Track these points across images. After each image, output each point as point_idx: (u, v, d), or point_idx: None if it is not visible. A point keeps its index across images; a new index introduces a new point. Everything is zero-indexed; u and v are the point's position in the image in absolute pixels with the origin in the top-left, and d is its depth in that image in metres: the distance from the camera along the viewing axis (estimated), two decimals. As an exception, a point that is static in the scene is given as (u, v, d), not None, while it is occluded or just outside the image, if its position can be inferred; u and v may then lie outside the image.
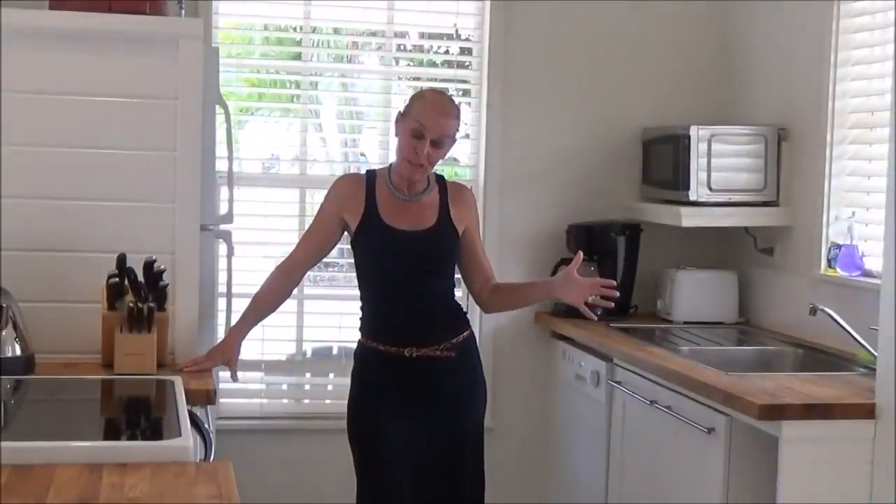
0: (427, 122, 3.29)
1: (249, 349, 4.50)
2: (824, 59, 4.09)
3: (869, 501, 3.10)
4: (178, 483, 2.13)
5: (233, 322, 3.72)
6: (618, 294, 3.33)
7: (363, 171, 3.55)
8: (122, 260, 3.18)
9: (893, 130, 3.12)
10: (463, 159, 4.73)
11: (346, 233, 3.47)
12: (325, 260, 4.14)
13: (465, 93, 4.70)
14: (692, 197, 4.31)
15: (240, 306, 3.54)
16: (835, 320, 3.71)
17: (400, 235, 3.37)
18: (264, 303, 3.48)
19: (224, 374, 4.04)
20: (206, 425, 3.01)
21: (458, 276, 3.56)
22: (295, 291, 4.47)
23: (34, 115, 3.32)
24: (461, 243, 3.45)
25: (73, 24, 3.32)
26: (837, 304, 3.81)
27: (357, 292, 3.48)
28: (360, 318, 3.47)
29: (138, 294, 3.17)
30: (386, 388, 3.39)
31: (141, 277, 3.20)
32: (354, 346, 3.51)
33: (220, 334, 3.91)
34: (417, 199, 3.42)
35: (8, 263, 3.26)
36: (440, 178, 3.49)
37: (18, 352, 3.09)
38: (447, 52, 4.79)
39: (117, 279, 3.19)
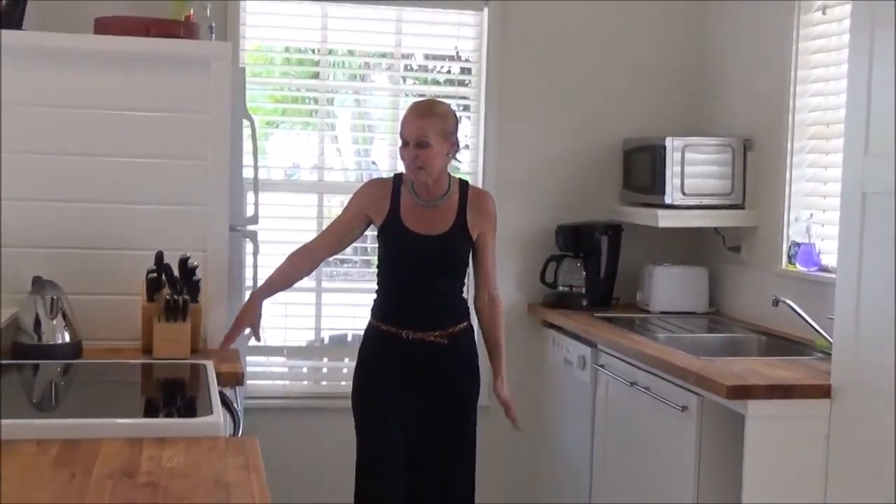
0: (405, 128, 3.32)
1: (273, 336, 4.52)
2: (786, 77, 4.08)
3: (824, 471, 3.10)
4: (211, 456, 2.13)
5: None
6: (521, 428, 3.56)
7: (391, 175, 3.54)
8: (159, 257, 3.19)
9: (847, 140, 3.13)
10: (463, 167, 4.73)
11: (368, 229, 3.48)
12: (340, 256, 4.14)
13: (465, 108, 4.70)
14: (667, 200, 4.31)
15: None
16: (795, 311, 3.71)
17: (416, 238, 3.37)
18: (284, 275, 3.44)
19: (251, 359, 4.05)
20: (235, 404, 3.02)
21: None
22: (314, 284, 4.51)
23: (81, 128, 3.33)
24: (473, 248, 3.44)
25: (116, 47, 3.33)
26: (797, 296, 3.81)
27: (370, 284, 3.50)
28: (374, 301, 3.48)
29: (174, 287, 3.18)
30: (384, 362, 3.41)
31: (176, 272, 3.21)
32: (366, 331, 3.52)
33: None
34: (436, 204, 3.40)
35: (58, 260, 3.28)
36: (464, 185, 3.47)
37: (68, 339, 3.10)
38: (449, 71, 4.79)
39: (155, 274, 3.19)
